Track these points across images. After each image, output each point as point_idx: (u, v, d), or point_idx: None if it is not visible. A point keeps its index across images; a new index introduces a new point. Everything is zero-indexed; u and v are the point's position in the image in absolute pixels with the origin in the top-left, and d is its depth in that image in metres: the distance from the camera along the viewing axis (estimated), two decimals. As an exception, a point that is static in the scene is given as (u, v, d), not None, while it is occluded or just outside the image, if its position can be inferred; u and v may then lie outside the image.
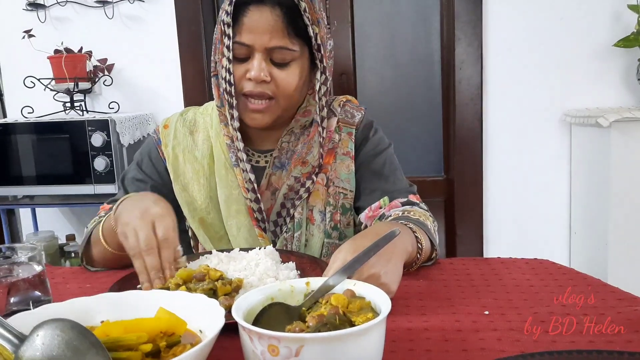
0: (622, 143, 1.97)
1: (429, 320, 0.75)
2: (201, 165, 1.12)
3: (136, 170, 1.16)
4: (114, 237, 0.94)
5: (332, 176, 1.12)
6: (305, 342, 0.53)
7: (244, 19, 0.99)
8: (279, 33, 0.99)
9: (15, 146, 2.21)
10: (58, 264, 2.36)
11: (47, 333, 0.52)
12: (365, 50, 2.54)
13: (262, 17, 0.98)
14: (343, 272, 0.68)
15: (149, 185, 1.14)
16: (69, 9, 2.48)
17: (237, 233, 1.10)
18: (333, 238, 1.12)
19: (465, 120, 2.37)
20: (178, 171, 1.13)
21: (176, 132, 1.15)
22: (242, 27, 1.00)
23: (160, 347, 0.58)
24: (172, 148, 1.14)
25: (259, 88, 1.01)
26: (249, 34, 0.99)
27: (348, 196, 1.14)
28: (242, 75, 1.02)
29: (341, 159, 1.13)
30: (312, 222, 1.11)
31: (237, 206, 1.10)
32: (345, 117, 1.16)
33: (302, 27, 1.01)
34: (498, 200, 2.42)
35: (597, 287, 0.85)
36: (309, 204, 1.11)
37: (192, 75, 2.47)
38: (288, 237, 1.10)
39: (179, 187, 1.13)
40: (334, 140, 1.13)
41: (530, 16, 2.28)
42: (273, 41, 0.99)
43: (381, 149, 1.16)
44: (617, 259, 2.02)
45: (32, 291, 0.78)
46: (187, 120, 1.17)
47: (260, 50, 1.00)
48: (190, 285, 0.80)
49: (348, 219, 1.14)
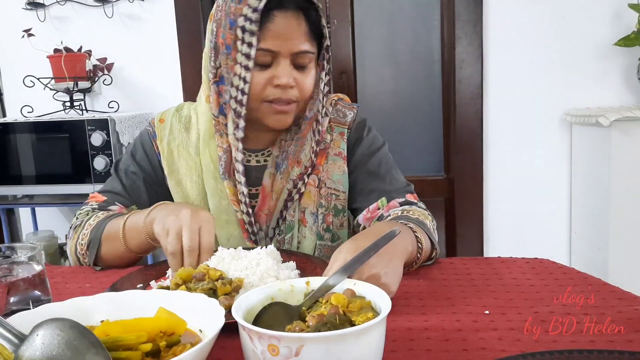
0: (623, 142, 1.97)
1: (429, 320, 0.75)
2: (194, 162, 1.12)
3: (130, 161, 1.16)
4: (135, 238, 0.97)
5: (323, 177, 1.12)
6: (305, 341, 0.53)
7: (268, 24, 0.97)
8: (302, 37, 0.99)
9: (15, 146, 2.21)
10: (58, 263, 2.35)
11: (47, 332, 0.52)
12: (365, 50, 2.53)
13: (289, 23, 0.98)
14: (343, 272, 0.68)
15: (141, 179, 1.15)
16: (69, 8, 2.48)
17: (226, 242, 1.09)
18: (325, 240, 1.12)
19: (465, 120, 2.37)
20: (173, 166, 1.13)
21: (172, 127, 1.15)
22: (267, 34, 0.97)
23: (160, 346, 0.58)
24: (168, 143, 1.14)
25: (286, 95, 1.00)
26: (275, 40, 0.97)
27: (340, 197, 1.13)
28: (266, 82, 1.00)
29: (333, 160, 1.13)
30: (305, 224, 1.10)
31: (227, 216, 1.09)
32: (337, 117, 1.15)
33: (318, 30, 1.02)
34: (498, 199, 2.42)
35: (597, 287, 0.85)
36: (301, 205, 1.10)
37: (192, 75, 2.47)
38: (280, 240, 1.10)
39: (173, 182, 1.13)
40: (326, 140, 1.13)
41: (530, 15, 2.28)
42: (299, 46, 0.99)
43: (375, 148, 1.15)
44: (617, 259, 2.02)
45: (31, 291, 0.78)
46: (183, 116, 1.17)
47: (286, 56, 0.99)
48: (190, 285, 0.80)
49: (341, 220, 1.14)
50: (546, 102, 2.32)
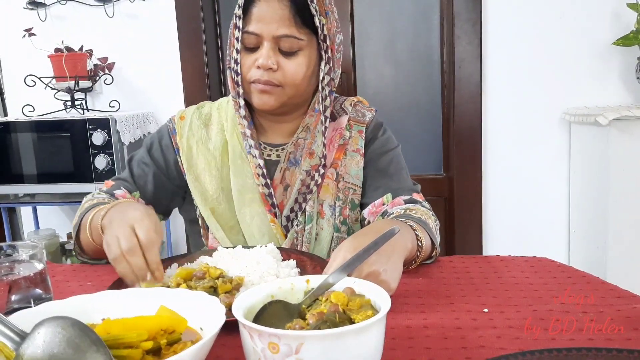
0: (621, 141, 1.97)
1: (428, 318, 0.75)
2: (213, 157, 1.15)
3: (144, 153, 1.19)
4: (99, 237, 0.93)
5: (342, 172, 1.15)
6: (305, 339, 0.53)
7: (253, 9, 1.04)
8: (285, 22, 1.03)
9: (16, 145, 2.21)
10: (59, 261, 2.36)
11: (48, 331, 0.52)
12: (365, 49, 2.54)
13: (270, 7, 1.03)
14: (343, 270, 0.68)
15: (151, 171, 1.17)
16: (70, 8, 2.48)
17: (250, 221, 1.12)
18: (342, 232, 1.15)
19: (464, 119, 2.38)
20: (191, 162, 1.16)
21: (192, 124, 1.18)
22: (251, 17, 1.04)
23: (161, 344, 0.58)
24: (187, 139, 1.17)
25: (266, 76, 1.05)
26: (258, 23, 1.03)
27: (357, 192, 1.16)
28: (252, 64, 1.05)
29: (351, 156, 1.16)
30: (322, 216, 1.14)
31: (252, 195, 1.12)
32: (357, 116, 1.19)
33: (310, 19, 1.05)
34: (497, 198, 2.42)
35: (596, 285, 0.85)
36: (320, 198, 1.14)
37: (193, 74, 2.47)
38: (299, 230, 1.12)
39: (192, 177, 1.15)
40: (345, 137, 1.16)
41: (529, 14, 2.28)
42: (280, 30, 1.03)
43: (388, 148, 1.18)
44: (615, 257, 2.02)
45: (33, 289, 0.78)
46: (203, 113, 1.20)
47: (268, 39, 1.03)
48: (191, 283, 0.80)
49: (356, 215, 1.17)
50: (545, 101, 2.32)
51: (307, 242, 1.11)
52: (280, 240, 1.11)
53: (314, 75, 1.10)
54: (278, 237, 1.11)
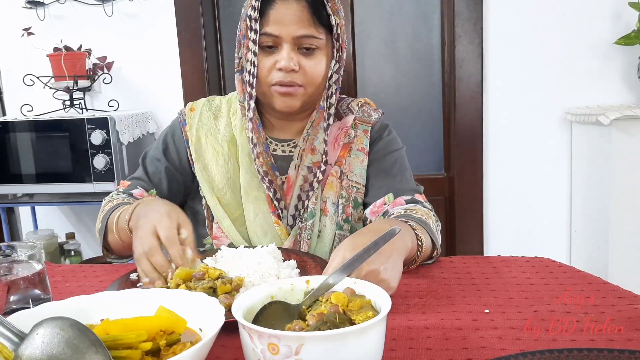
0: (623, 141, 1.97)
1: (429, 319, 0.75)
2: (221, 147, 1.16)
3: (157, 149, 1.21)
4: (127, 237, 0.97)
5: (346, 170, 1.16)
6: (305, 340, 0.53)
7: (270, 11, 1.04)
8: (305, 22, 1.04)
9: (15, 144, 2.21)
10: (58, 262, 2.36)
11: (47, 331, 0.52)
12: (365, 48, 2.53)
13: (290, 8, 1.04)
14: (343, 271, 0.68)
15: (163, 166, 1.18)
16: (68, 7, 2.48)
17: (253, 219, 1.13)
18: (344, 230, 1.15)
19: (465, 118, 2.37)
20: (200, 151, 1.17)
21: (202, 115, 1.20)
22: (269, 19, 1.04)
23: (160, 345, 0.58)
24: (196, 130, 1.18)
25: (289, 77, 1.05)
26: (277, 25, 1.04)
27: (360, 190, 1.17)
28: (271, 66, 1.06)
29: (356, 154, 1.17)
30: (326, 213, 1.14)
31: (257, 193, 1.13)
32: (363, 116, 1.20)
33: (325, 18, 1.06)
34: (498, 198, 2.42)
35: (597, 286, 0.85)
36: (323, 195, 1.14)
37: (192, 73, 2.46)
38: (302, 227, 1.12)
39: (200, 167, 1.16)
40: (350, 135, 1.17)
41: (530, 14, 2.28)
42: (300, 30, 1.04)
43: (393, 149, 1.19)
44: (617, 257, 2.02)
45: (31, 289, 0.78)
46: (214, 105, 1.22)
47: (288, 40, 1.04)
48: (190, 284, 0.80)
49: (359, 214, 1.17)
50: (546, 100, 2.32)
51: (309, 238, 1.12)
52: (283, 239, 1.11)
53: (327, 73, 1.11)
54: (282, 237, 1.11)
